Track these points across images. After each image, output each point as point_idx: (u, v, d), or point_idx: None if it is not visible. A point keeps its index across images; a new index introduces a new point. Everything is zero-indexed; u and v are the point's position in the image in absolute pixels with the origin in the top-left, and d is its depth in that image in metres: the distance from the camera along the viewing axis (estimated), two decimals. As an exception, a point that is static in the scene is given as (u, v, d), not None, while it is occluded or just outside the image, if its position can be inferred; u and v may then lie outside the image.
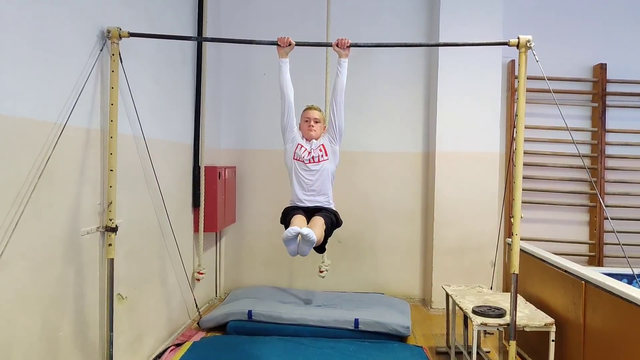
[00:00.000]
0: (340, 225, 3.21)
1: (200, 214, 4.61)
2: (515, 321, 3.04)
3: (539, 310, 3.42)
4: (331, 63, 4.73)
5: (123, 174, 3.09)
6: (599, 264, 5.18)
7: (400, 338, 4.14)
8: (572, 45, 5.37)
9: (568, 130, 3.27)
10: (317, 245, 2.93)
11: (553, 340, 3.12)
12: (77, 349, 2.76)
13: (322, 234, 2.96)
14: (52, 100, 2.50)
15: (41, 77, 2.42)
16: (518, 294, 3.09)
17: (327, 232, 3.05)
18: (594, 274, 3.04)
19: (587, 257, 5.35)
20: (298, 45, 3.07)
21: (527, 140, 3.82)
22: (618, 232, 3.25)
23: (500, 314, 3.23)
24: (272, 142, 4.98)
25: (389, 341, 4.08)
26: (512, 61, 5.26)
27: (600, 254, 5.28)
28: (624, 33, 5.38)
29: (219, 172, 4.79)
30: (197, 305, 4.59)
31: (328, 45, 3.38)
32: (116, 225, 2.95)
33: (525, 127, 3.05)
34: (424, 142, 5.42)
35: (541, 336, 3.25)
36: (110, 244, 2.94)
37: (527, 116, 3.19)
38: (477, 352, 3.36)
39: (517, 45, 2.95)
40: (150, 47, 3.61)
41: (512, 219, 3.02)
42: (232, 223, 5.32)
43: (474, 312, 3.28)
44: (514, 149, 3.00)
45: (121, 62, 2.94)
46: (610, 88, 5.36)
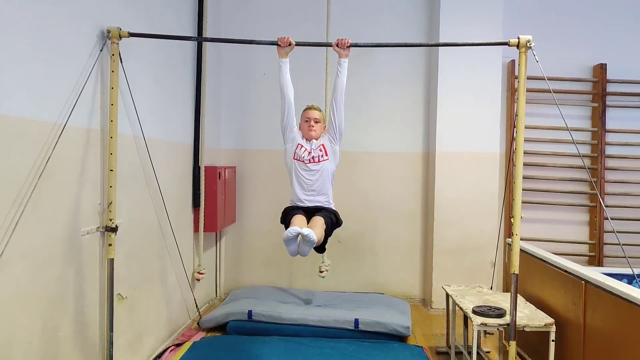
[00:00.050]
0: (340, 225, 3.21)
1: (200, 214, 4.61)
2: (515, 321, 3.04)
3: (539, 310, 3.42)
4: (331, 63, 4.73)
5: (123, 174, 3.09)
6: (599, 264, 5.18)
7: (400, 338, 4.14)
8: (572, 45, 5.37)
9: (568, 130, 3.27)
10: (317, 245, 2.93)
11: (553, 340, 3.12)
12: (77, 349, 2.76)
13: (323, 234, 2.96)
14: (52, 100, 2.50)
15: (41, 77, 2.42)
16: (518, 294, 3.09)
17: (327, 232, 3.06)
18: (594, 274, 3.05)
19: (587, 257, 5.35)
20: (298, 45, 3.07)
21: (527, 140, 3.82)
22: (618, 232, 3.25)
23: (500, 314, 3.23)
24: (272, 142, 4.99)
25: (389, 341, 4.08)
26: (512, 61, 5.26)
27: (600, 254, 5.28)
28: (624, 33, 5.39)
29: (219, 172, 4.79)
30: (197, 305, 4.59)
31: (328, 45, 3.38)
32: (116, 225, 2.95)
33: (525, 127, 3.05)
34: (424, 142, 5.42)
35: (541, 336, 3.26)
36: (110, 244, 2.94)
37: (527, 116, 3.19)
38: (477, 352, 3.36)
39: (517, 45, 2.95)
40: (150, 47, 3.61)
41: (512, 219, 3.02)
42: (232, 223, 5.33)
43: (474, 312, 3.28)
44: (514, 149, 3.00)
45: (121, 62, 2.94)
46: (610, 88, 5.36)
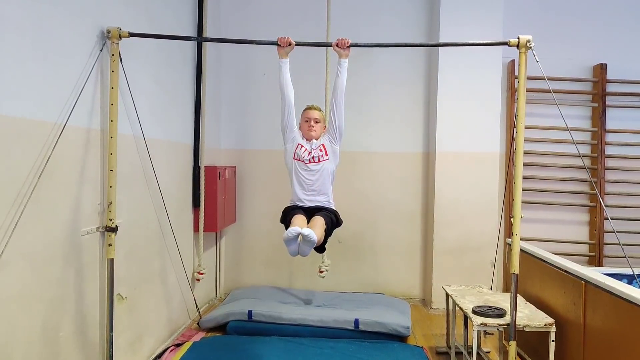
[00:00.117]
0: (341, 224, 3.22)
1: (200, 214, 4.61)
2: (515, 321, 3.04)
3: (539, 310, 3.42)
4: (331, 63, 4.73)
5: (123, 174, 3.09)
6: (599, 264, 5.18)
7: (400, 338, 4.14)
8: (572, 45, 5.37)
9: (568, 130, 3.27)
10: (317, 245, 2.94)
11: (553, 341, 3.12)
12: (77, 349, 2.76)
13: (323, 233, 2.96)
14: (52, 100, 2.50)
15: (41, 77, 2.42)
16: (518, 294, 3.09)
17: (327, 232, 3.06)
18: (594, 274, 3.05)
19: (587, 257, 5.35)
20: (298, 45, 3.07)
21: (527, 140, 3.81)
22: (618, 232, 3.25)
23: (500, 314, 3.23)
24: (272, 142, 4.99)
25: (389, 341, 4.08)
26: (512, 61, 5.26)
27: (600, 254, 5.28)
28: (624, 33, 5.38)
29: (219, 172, 4.79)
30: (197, 305, 4.59)
31: (328, 45, 3.38)
32: (116, 225, 2.95)
33: (525, 127, 3.05)
34: (424, 142, 5.42)
35: (541, 336, 3.26)
36: (110, 244, 2.94)
37: (527, 116, 3.19)
38: (477, 352, 3.36)
39: (517, 46, 2.95)
40: (150, 47, 3.61)
41: (512, 219, 3.02)
42: (232, 223, 5.33)
43: (474, 312, 3.28)
44: (514, 149, 3.00)
45: (121, 62, 2.94)
46: (610, 88, 5.36)
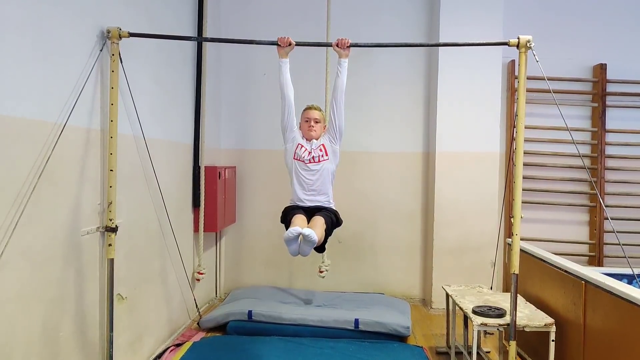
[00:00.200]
0: (341, 224, 3.22)
1: (200, 214, 4.61)
2: (515, 321, 3.04)
3: (539, 310, 3.42)
4: (331, 63, 4.73)
5: (123, 174, 3.09)
6: (599, 264, 5.18)
7: (400, 338, 4.14)
8: (572, 45, 5.37)
9: (568, 130, 3.27)
10: (318, 245, 2.93)
11: (553, 341, 3.12)
12: (77, 349, 2.76)
13: (323, 233, 2.96)
14: (52, 100, 2.50)
15: (41, 77, 2.42)
16: (518, 294, 3.09)
17: (328, 232, 3.06)
18: (594, 274, 3.05)
19: (587, 257, 5.35)
20: (298, 45, 3.07)
21: (527, 140, 3.81)
22: (618, 232, 3.25)
23: (500, 314, 3.23)
24: (272, 142, 4.99)
25: (389, 341, 4.08)
26: (512, 61, 5.26)
27: (600, 254, 5.28)
28: (624, 33, 5.38)
29: (219, 172, 4.79)
30: (197, 305, 4.58)
31: (328, 45, 3.39)
32: (116, 225, 2.95)
33: (525, 127, 3.05)
34: (424, 142, 5.42)
35: (541, 336, 3.26)
36: (110, 244, 2.94)
37: (527, 116, 3.19)
38: (477, 352, 3.36)
39: (517, 46, 2.95)
40: (150, 47, 3.61)
41: (512, 219, 3.02)
42: (232, 223, 5.32)
43: (474, 312, 3.28)
44: (514, 149, 3.00)
45: (121, 62, 2.94)
46: (610, 88, 5.36)
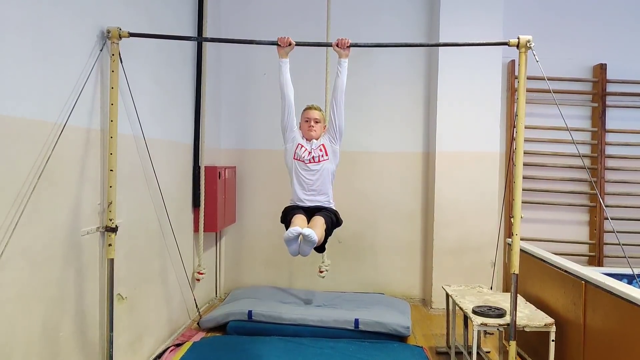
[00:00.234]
0: (341, 224, 3.22)
1: (200, 214, 4.61)
2: (515, 321, 3.04)
3: (539, 310, 3.42)
4: (331, 63, 4.73)
5: (123, 174, 3.09)
6: (599, 264, 5.18)
7: (400, 338, 4.14)
8: (572, 45, 5.37)
9: (568, 130, 3.27)
10: (318, 245, 2.94)
11: (553, 341, 3.12)
12: (77, 349, 2.76)
13: (323, 233, 2.96)
14: (52, 100, 2.50)
15: (41, 77, 2.42)
16: (518, 294, 3.09)
17: (328, 232, 3.06)
18: (594, 274, 3.05)
19: (587, 257, 5.35)
20: (298, 45, 3.07)
21: (527, 140, 3.81)
22: (618, 232, 3.25)
23: (500, 314, 3.23)
24: (272, 142, 4.99)
25: (389, 341, 4.08)
26: (512, 61, 5.25)
27: (600, 254, 5.28)
28: (624, 33, 5.38)
29: (219, 172, 4.79)
30: (197, 305, 4.58)
31: (328, 45, 3.39)
32: (116, 225, 2.95)
33: (525, 127, 3.05)
34: (424, 142, 5.42)
35: (541, 336, 3.26)
36: (110, 244, 2.94)
37: (527, 116, 3.19)
38: (477, 352, 3.36)
39: (517, 46, 2.95)
40: (150, 47, 3.61)
41: (512, 219, 3.02)
42: (232, 223, 5.32)
43: (474, 312, 3.28)
44: (514, 149, 3.00)
45: (121, 62, 2.94)
46: (610, 88, 5.36)
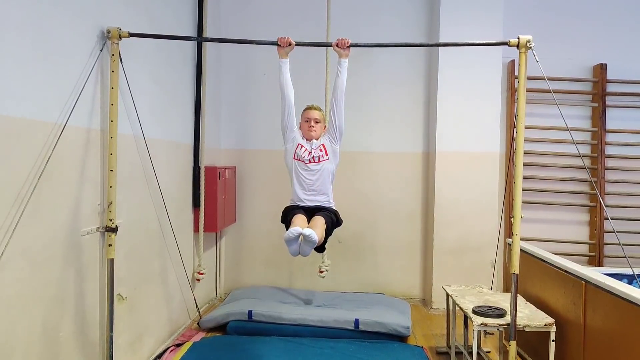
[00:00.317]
0: (341, 224, 3.22)
1: (200, 214, 4.61)
2: (516, 321, 3.04)
3: (539, 310, 3.42)
4: (331, 63, 4.73)
5: (123, 174, 3.09)
6: (599, 264, 5.18)
7: (400, 338, 4.14)
8: (572, 45, 5.37)
9: (568, 130, 3.27)
10: (318, 245, 2.93)
11: (553, 340, 3.12)
12: (77, 349, 2.76)
13: (323, 233, 2.96)
14: (53, 100, 2.50)
15: (41, 77, 2.42)
16: (518, 294, 3.09)
17: (328, 232, 3.06)
18: (594, 274, 3.05)
19: (587, 257, 5.35)
20: (298, 45, 3.07)
21: (527, 140, 3.81)
22: (618, 232, 3.25)
23: (500, 314, 3.23)
24: (272, 142, 4.99)
25: (389, 341, 4.08)
26: (512, 61, 5.26)
27: (600, 254, 5.28)
28: (624, 33, 5.38)
29: (219, 172, 4.79)
30: (197, 305, 4.58)
31: (328, 45, 3.39)
32: (116, 226, 2.95)
33: (525, 127, 3.05)
34: (424, 142, 5.42)
35: (541, 336, 3.26)
36: (110, 244, 2.94)
37: (527, 116, 3.19)
38: (477, 352, 3.36)
39: (517, 46, 2.95)
40: (150, 47, 3.61)
41: (512, 219, 3.02)
42: (232, 223, 5.32)
43: (474, 312, 3.28)
44: (514, 149, 3.00)
45: (121, 62, 2.94)
46: (610, 88, 5.36)
